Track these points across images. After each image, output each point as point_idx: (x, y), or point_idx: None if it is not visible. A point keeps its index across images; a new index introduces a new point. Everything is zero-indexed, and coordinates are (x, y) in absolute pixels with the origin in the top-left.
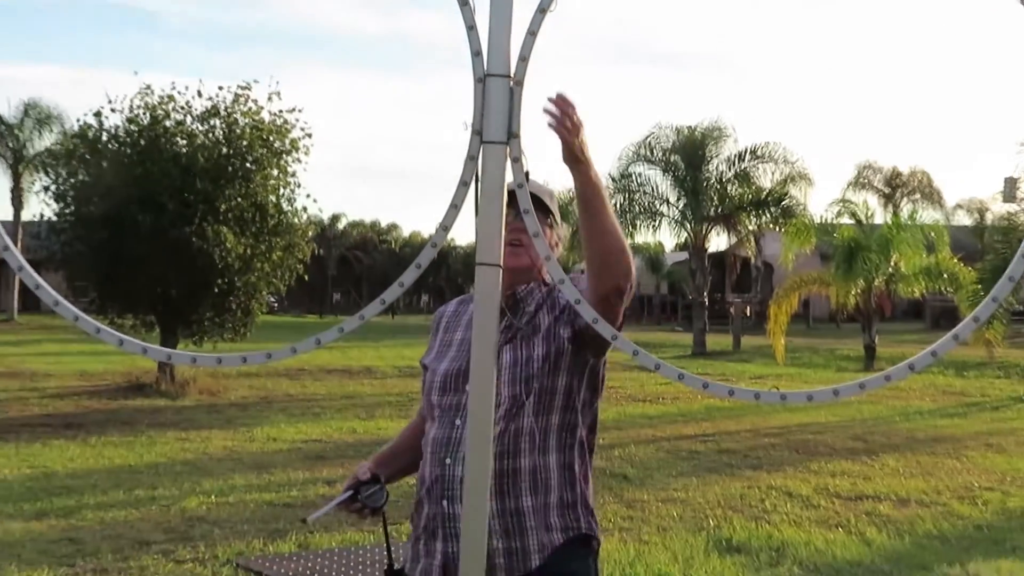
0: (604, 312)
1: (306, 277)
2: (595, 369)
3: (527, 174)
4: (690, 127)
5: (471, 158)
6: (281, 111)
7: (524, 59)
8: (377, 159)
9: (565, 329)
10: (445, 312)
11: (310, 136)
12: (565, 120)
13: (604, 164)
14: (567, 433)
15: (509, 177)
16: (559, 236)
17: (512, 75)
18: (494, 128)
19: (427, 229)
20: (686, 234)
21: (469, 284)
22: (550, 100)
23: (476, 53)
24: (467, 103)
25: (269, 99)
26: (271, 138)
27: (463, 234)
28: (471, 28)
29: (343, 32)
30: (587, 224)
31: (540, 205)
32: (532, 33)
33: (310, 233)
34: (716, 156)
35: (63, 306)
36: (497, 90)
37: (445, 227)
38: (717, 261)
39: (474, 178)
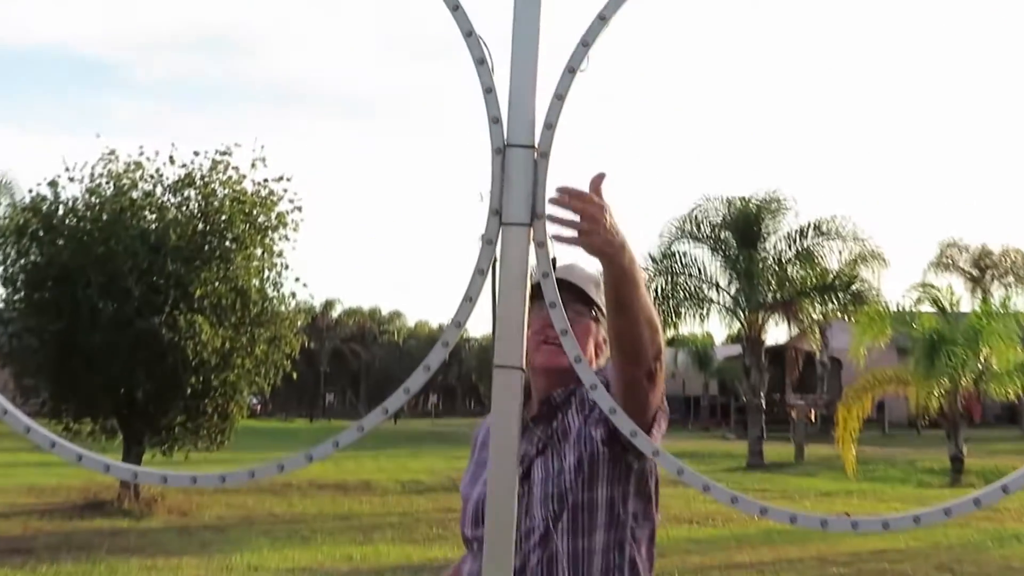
0: (636, 400)
1: (294, 375)
2: (642, 473)
3: (554, 261)
4: (743, 198)
5: (488, 242)
6: (266, 180)
7: (550, 127)
8: (378, 236)
9: (598, 429)
10: (484, 426)
11: (300, 209)
12: (583, 221)
13: (642, 243)
14: (615, 553)
15: (534, 262)
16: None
17: (536, 145)
18: (515, 207)
19: (435, 317)
20: (739, 324)
21: (484, 384)
22: (552, 201)
23: (494, 120)
24: (485, 169)
25: (252, 166)
26: (254, 212)
27: (479, 324)
28: (489, 91)
29: (339, 88)
30: (617, 315)
31: (581, 296)
32: (560, 97)
33: (299, 323)
34: (774, 232)
35: (12, 415)
36: (519, 163)
37: (458, 323)
38: (775, 356)
39: (491, 265)
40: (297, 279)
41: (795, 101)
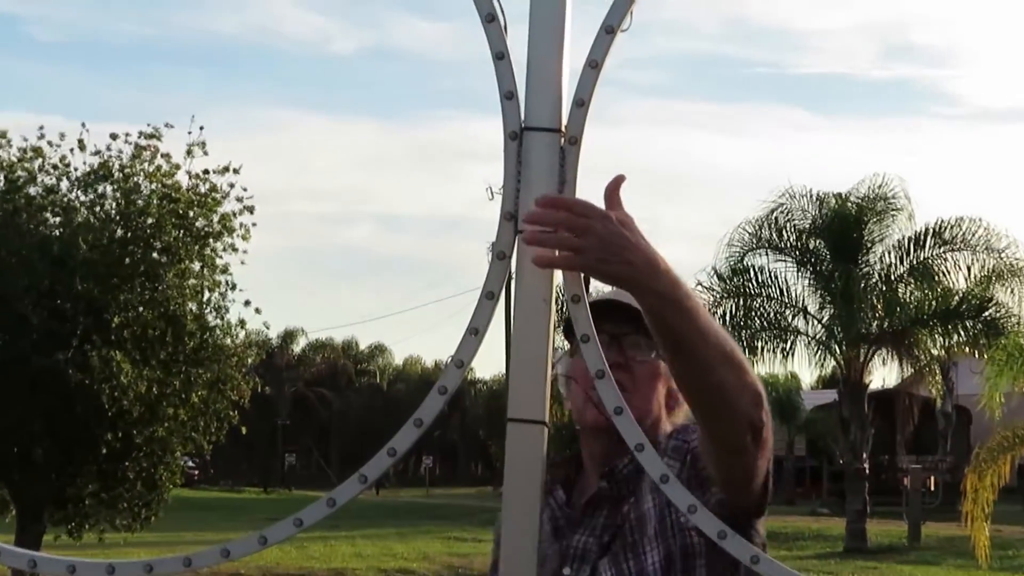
0: (739, 470)
1: (243, 429)
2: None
3: (587, 279)
4: (839, 195)
5: (500, 256)
6: (207, 171)
7: (582, 103)
8: (354, 243)
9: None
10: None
11: (251, 210)
12: (571, 236)
13: (702, 255)
14: None
15: (558, 280)
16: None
17: (564, 128)
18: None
19: (431, 354)
20: (834, 363)
21: (496, 442)
22: (528, 220)
23: (508, 95)
24: (497, 158)
25: (188, 153)
26: (191, 214)
27: (489, 362)
28: (500, 57)
29: (306, 49)
30: (678, 362)
31: (630, 315)
32: (594, 64)
33: (250, 361)
34: (880, 240)
35: None
36: (541, 152)
37: (460, 362)
38: (883, 405)
39: (505, 287)
40: (248, 303)
41: (927, 42)
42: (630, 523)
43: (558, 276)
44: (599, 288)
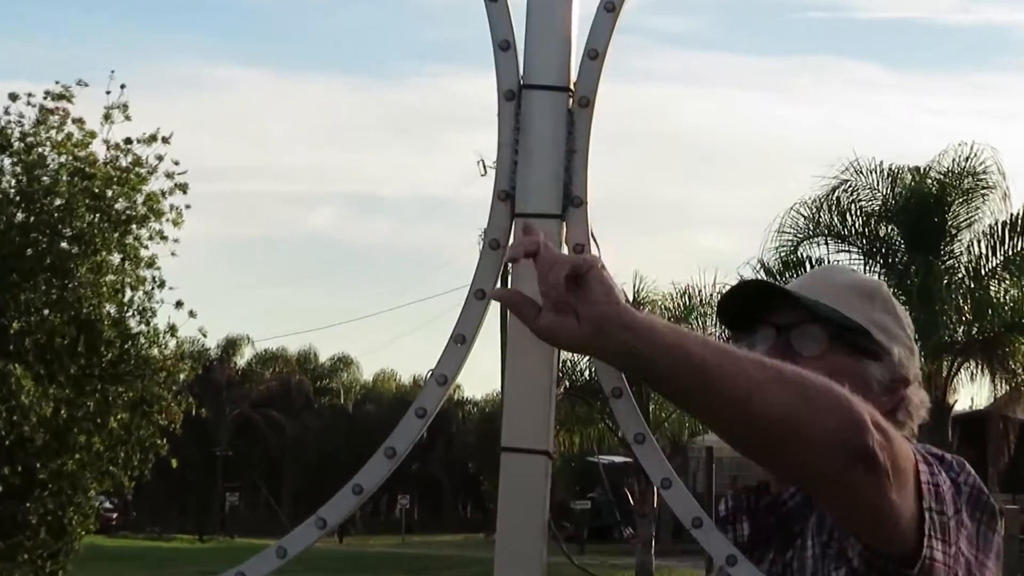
0: (855, 518)
1: (174, 462)
2: None
3: (602, 265)
4: (917, 169)
5: (493, 245)
6: (130, 141)
7: (595, 55)
8: (313, 231)
9: (840, 568)
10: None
11: (184, 189)
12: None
13: (745, 244)
14: None
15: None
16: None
17: (573, 86)
18: (537, 189)
19: (407, 368)
20: None
21: (488, 476)
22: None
23: (503, 44)
24: (489, 126)
25: (107, 118)
26: (109, 193)
27: (481, 379)
28: None
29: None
30: (722, 431)
31: (795, 301)
32: (611, 7)
33: (183, 376)
34: (968, 226)
35: None
36: (544, 115)
37: (443, 378)
38: (971, 429)
39: (500, 283)
40: (179, 304)
41: None
42: (791, 571)
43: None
44: None
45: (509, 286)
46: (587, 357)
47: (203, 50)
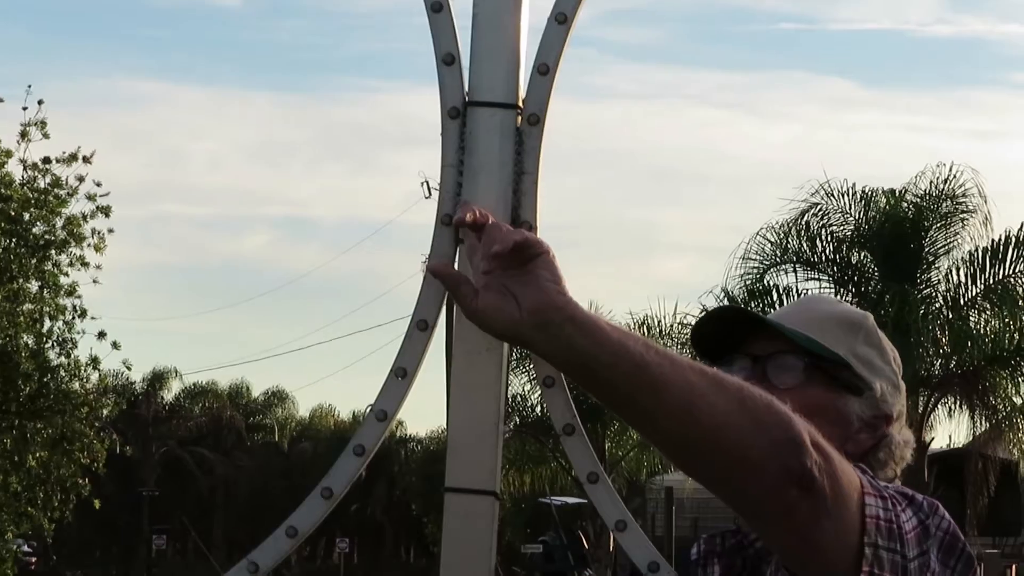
0: (792, 544)
1: (97, 503)
2: None
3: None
4: (892, 192)
5: (435, 271)
6: (49, 160)
7: (545, 71)
8: (244, 257)
9: None
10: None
11: (107, 212)
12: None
13: (708, 271)
14: None
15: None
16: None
17: (521, 102)
18: (484, 211)
19: (346, 403)
20: None
21: (433, 518)
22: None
23: (447, 59)
24: (432, 145)
25: (24, 136)
26: (27, 216)
27: (425, 413)
28: (438, 8)
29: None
30: (656, 440)
31: (771, 330)
32: (562, 18)
33: (106, 412)
34: (946, 252)
35: None
36: (491, 133)
37: (383, 413)
38: (949, 469)
39: (445, 313)
40: (103, 335)
41: None
42: None
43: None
44: None
45: (454, 320)
46: (537, 394)
47: (124, 64)
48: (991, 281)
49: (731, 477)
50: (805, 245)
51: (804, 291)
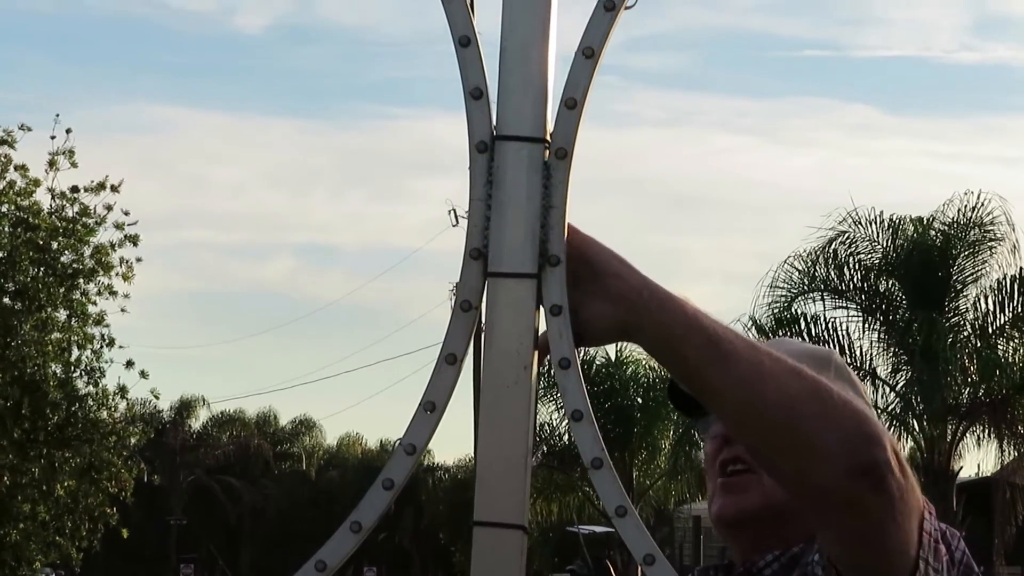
0: (852, 543)
1: (125, 532)
2: None
3: (579, 341)
4: (919, 220)
5: (465, 307)
6: (77, 189)
7: (573, 105)
8: (270, 284)
9: None
10: None
11: (135, 241)
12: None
13: (735, 299)
14: None
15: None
16: None
17: (549, 136)
18: (511, 247)
19: (373, 431)
20: (911, 442)
21: (461, 547)
22: None
23: (475, 93)
24: (459, 172)
25: (52, 165)
26: (55, 245)
27: (453, 443)
28: (466, 43)
29: (199, 29)
30: (731, 424)
31: None
32: (589, 53)
33: (133, 441)
34: (974, 280)
35: None
36: (519, 168)
37: (412, 447)
38: (977, 498)
39: (473, 345)
40: (130, 364)
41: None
42: None
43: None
44: (594, 350)
45: (482, 350)
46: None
47: (147, 90)
48: (1019, 309)
49: (797, 462)
50: (833, 273)
51: (831, 319)
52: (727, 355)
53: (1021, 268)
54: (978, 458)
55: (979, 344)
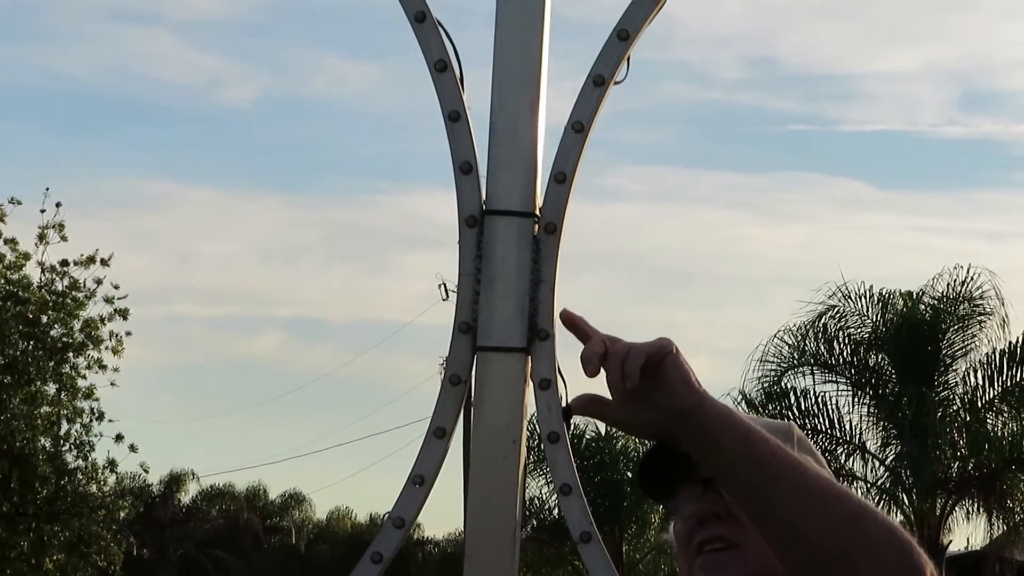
0: None
1: None
2: None
3: (568, 411)
4: (909, 294)
5: (454, 381)
6: (67, 263)
7: (563, 179)
8: (259, 358)
9: None
10: None
11: (125, 315)
12: (616, 370)
13: (725, 374)
14: None
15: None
16: None
17: (539, 211)
18: (501, 321)
19: (363, 505)
20: (901, 516)
21: None
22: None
23: (464, 167)
24: (447, 247)
25: (42, 239)
26: (44, 319)
27: (442, 515)
28: (455, 118)
29: (187, 102)
30: (774, 542)
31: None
32: (579, 127)
33: (123, 514)
34: (964, 355)
35: None
36: (508, 243)
37: (400, 521)
38: (966, 570)
39: (463, 419)
40: (120, 438)
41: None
42: None
43: (530, 408)
44: (584, 424)
45: (472, 423)
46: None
47: (138, 165)
48: (1009, 383)
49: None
50: (823, 347)
51: (821, 393)
52: (772, 477)
53: (1010, 342)
54: (968, 532)
55: (968, 418)
